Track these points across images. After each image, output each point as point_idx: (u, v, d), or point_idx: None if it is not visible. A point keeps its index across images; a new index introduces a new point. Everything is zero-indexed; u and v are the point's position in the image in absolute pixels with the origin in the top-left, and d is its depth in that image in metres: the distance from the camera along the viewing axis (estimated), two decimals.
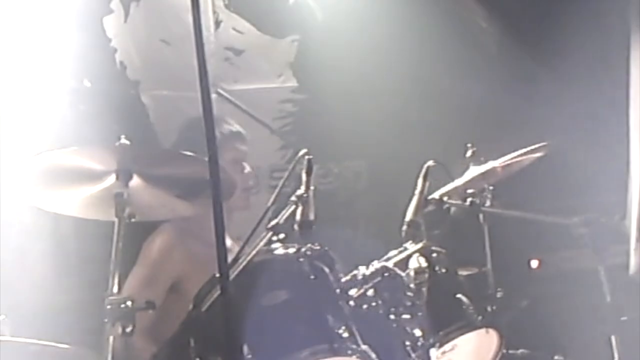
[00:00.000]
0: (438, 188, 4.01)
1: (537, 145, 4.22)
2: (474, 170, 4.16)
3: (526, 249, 5.15)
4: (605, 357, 4.01)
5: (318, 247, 3.23)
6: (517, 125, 5.33)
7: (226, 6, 5.48)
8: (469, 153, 4.24)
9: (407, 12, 5.37)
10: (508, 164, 4.19)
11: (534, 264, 5.19)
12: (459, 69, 5.55)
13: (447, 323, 3.43)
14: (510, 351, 3.97)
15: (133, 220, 3.30)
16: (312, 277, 3.17)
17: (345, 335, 3.07)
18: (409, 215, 3.76)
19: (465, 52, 5.58)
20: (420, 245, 3.56)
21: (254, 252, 3.16)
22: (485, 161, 4.18)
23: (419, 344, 3.33)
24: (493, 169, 4.15)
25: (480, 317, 3.53)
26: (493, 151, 4.24)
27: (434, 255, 3.56)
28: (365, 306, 3.32)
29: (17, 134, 4.57)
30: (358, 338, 3.09)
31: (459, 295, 3.53)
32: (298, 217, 3.32)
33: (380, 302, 3.35)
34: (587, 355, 4.41)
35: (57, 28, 4.86)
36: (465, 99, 5.58)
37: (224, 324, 2.21)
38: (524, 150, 4.20)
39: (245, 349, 2.97)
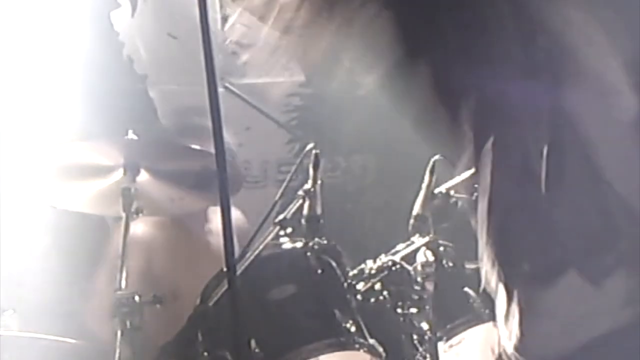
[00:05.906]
0: (445, 181, 4.00)
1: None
2: None
3: None
4: None
5: (325, 241, 3.23)
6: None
7: (233, 0, 5.48)
8: None
9: None
10: None
11: None
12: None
13: (454, 317, 3.42)
14: None
15: (141, 215, 3.30)
16: (319, 271, 3.17)
17: (353, 329, 3.07)
18: (416, 209, 3.74)
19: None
20: (427, 239, 3.54)
21: (261, 246, 3.16)
22: None
23: (427, 337, 3.32)
24: None
25: (487, 311, 3.52)
26: None
27: (441, 249, 3.55)
28: (372, 300, 3.32)
29: (23, 128, 4.58)
30: (365, 332, 3.09)
31: (466, 289, 3.52)
32: (305, 211, 3.31)
33: (387, 296, 3.33)
34: None
35: (65, 22, 4.86)
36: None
37: (231, 318, 2.21)
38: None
39: (253, 343, 2.98)
